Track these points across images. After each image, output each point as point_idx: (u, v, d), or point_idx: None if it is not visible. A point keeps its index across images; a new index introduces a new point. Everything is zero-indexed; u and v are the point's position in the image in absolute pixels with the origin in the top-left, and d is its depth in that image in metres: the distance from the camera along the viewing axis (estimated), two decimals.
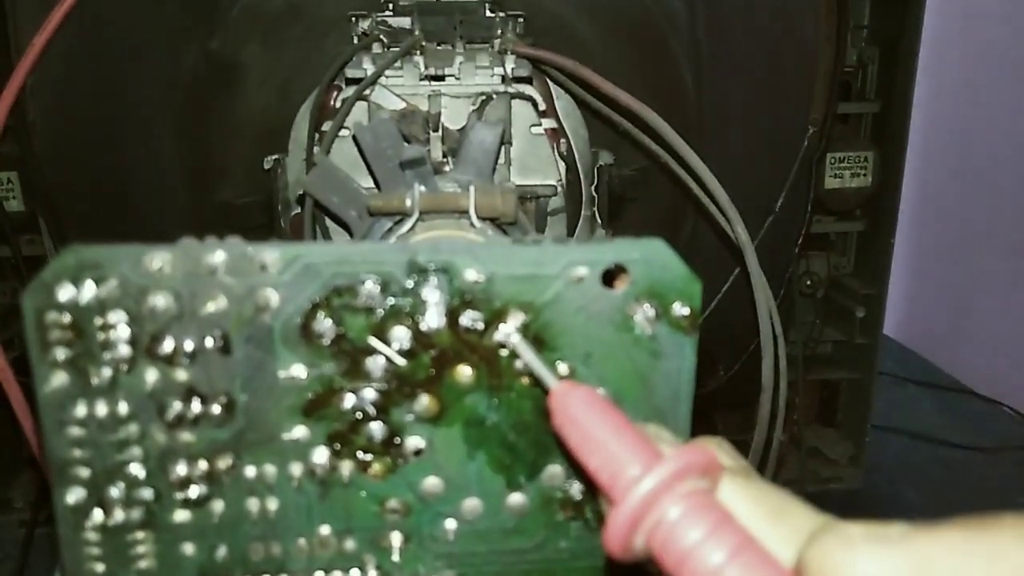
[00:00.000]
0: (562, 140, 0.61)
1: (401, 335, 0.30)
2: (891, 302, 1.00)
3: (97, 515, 0.31)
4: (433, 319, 0.30)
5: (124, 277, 0.28)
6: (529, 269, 0.30)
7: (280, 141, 0.67)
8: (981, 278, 1.31)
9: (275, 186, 0.64)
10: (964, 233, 1.34)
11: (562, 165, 0.62)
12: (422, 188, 0.43)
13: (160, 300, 0.29)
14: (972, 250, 1.33)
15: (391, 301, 0.30)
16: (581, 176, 0.64)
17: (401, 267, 0.30)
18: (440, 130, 0.53)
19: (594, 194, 0.64)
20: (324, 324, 0.30)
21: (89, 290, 0.28)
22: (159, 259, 0.28)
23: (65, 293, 0.28)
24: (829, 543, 0.21)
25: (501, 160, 0.55)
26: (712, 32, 0.77)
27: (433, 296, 0.30)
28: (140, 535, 0.31)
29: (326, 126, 0.58)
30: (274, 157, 0.65)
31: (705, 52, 0.77)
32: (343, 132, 0.56)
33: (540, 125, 0.60)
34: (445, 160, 0.52)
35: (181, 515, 0.31)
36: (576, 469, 0.32)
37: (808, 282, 1.03)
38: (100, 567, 0.31)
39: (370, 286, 0.30)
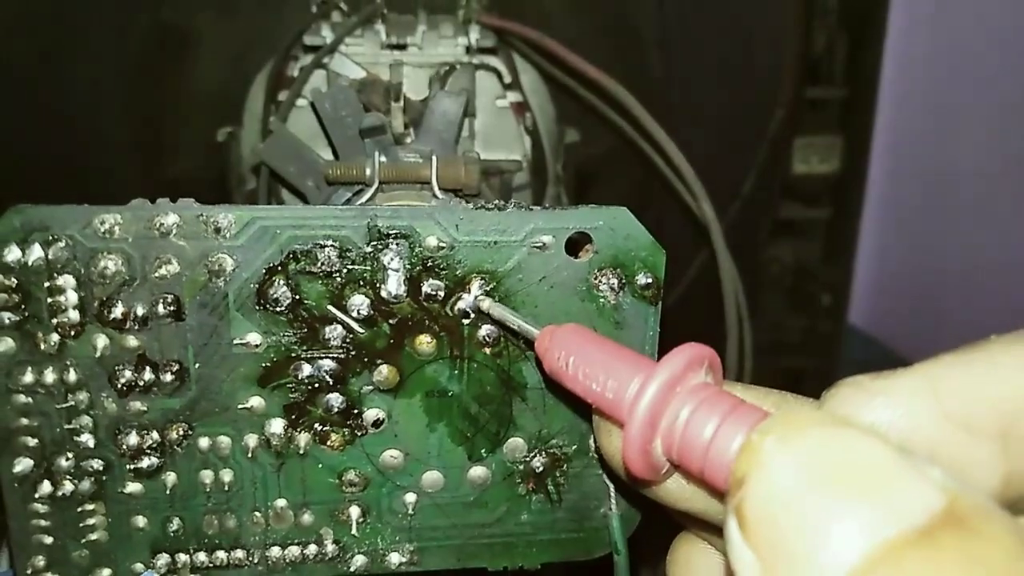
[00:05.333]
0: (528, 114, 0.60)
1: (360, 303, 0.29)
2: (857, 292, 1.00)
3: (45, 486, 0.30)
4: (393, 286, 0.29)
5: (73, 238, 0.27)
6: (492, 236, 0.30)
7: (234, 114, 0.66)
8: (948, 267, 1.32)
9: (229, 160, 0.63)
10: (932, 222, 1.35)
11: (527, 140, 0.61)
12: (383, 158, 0.42)
13: (110, 263, 0.28)
14: (940, 239, 1.34)
15: (350, 267, 0.29)
16: (547, 153, 0.63)
17: (360, 232, 0.29)
18: (401, 100, 0.52)
19: (560, 172, 0.63)
20: (280, 290, 0.29)
21: (36, 252, 0.27)
22: (109, 220, 0.27)
23: (11, 254, 0.27)
24: (845, 386, 0.22)
25: (465, 133, 0.54)
26: (680, 12, 0.77)
27: (393, 263, 0.29)
28: (90, 507, 0.30)
29: (283, 96, 0.57)
30: (228, 130, 0.63)
31: (672, 32, 0.77)
32: (300, 102, 0.55)
33: (505, 98, 0.59)
34: (407, 131, 0.51)
35: (132, 486, 0.30)
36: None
37: (775, 269, 1.03)
38: (48, 539, 0.30)
39: (328, 251, 0.29)
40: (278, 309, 0.29)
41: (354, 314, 0.29)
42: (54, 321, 0.28)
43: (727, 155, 0.85)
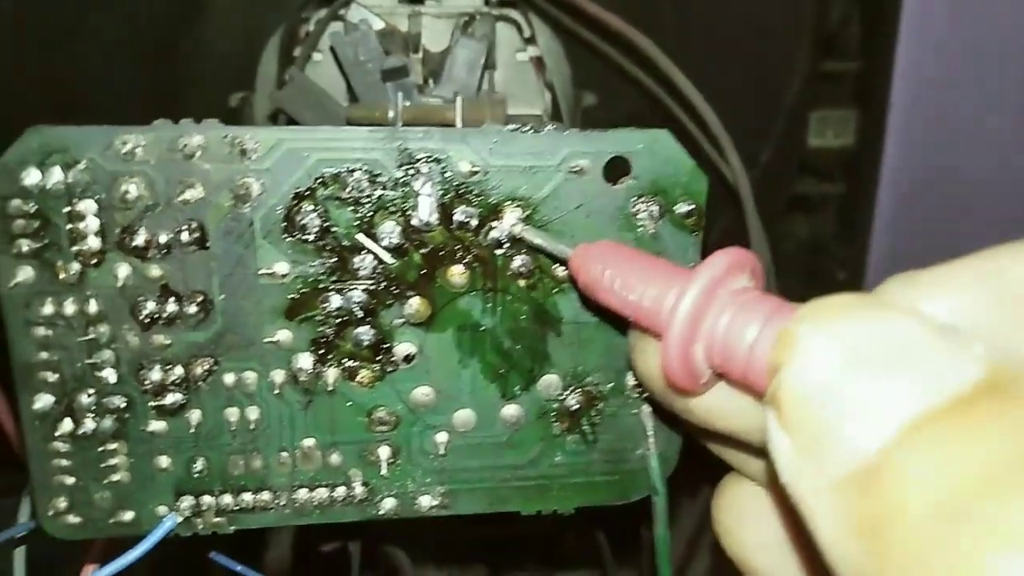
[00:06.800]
0: (548, 69, 0.59)
1: (390, 230, 0.28)
2: (873, 267, 0.99)
3: (66, 424, 0.29)
4: (424, 213, 0.28)
5: (93, 161, 0.26)
6: (527, 160, 0.28)
7: (247, 79, 0.64)
8: (964, 244, 1.30)
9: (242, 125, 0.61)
10: (949, 196, 1.33)
11: (548, 95, 0.60)
12: (406, 101, 0.41)
13: (132, 187, 0.27)
14: (956, 215, 1.32)
15: (380, 192, 0.28)
16: (564, 117, 0.62)
17: (391, 155, 0.28)
18: (421, 52, 0.51)
19: None
20: (308, 216, 0.28)
21: (56, 175, 0.26)
22: (131, 141, 0.26)
23: (30, 177, 0.26)
24: (894, 281, 0.21)
25: (485, 86, 0.53)
26: None
27: (425, 188, 0.28)
28: (112, 446, 0.29)
29: (298, 53, 0.55)
30: (240, 95, 0.62)
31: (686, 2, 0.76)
32: (317, 56, 0.54)
33: (525, 51, 0.58)
34: (426, 84, 0.50)
35: (156, 424, 0.29)
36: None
37: (789, 244, 1.02)
38: (70, 480, 0.29)
39: (358, 175, 0.28)
40: (306, 237, 0.28)
41: (384, 242, 0.28)
42: (74, 249, 0.27)
43: (743, 125, 0.84)
